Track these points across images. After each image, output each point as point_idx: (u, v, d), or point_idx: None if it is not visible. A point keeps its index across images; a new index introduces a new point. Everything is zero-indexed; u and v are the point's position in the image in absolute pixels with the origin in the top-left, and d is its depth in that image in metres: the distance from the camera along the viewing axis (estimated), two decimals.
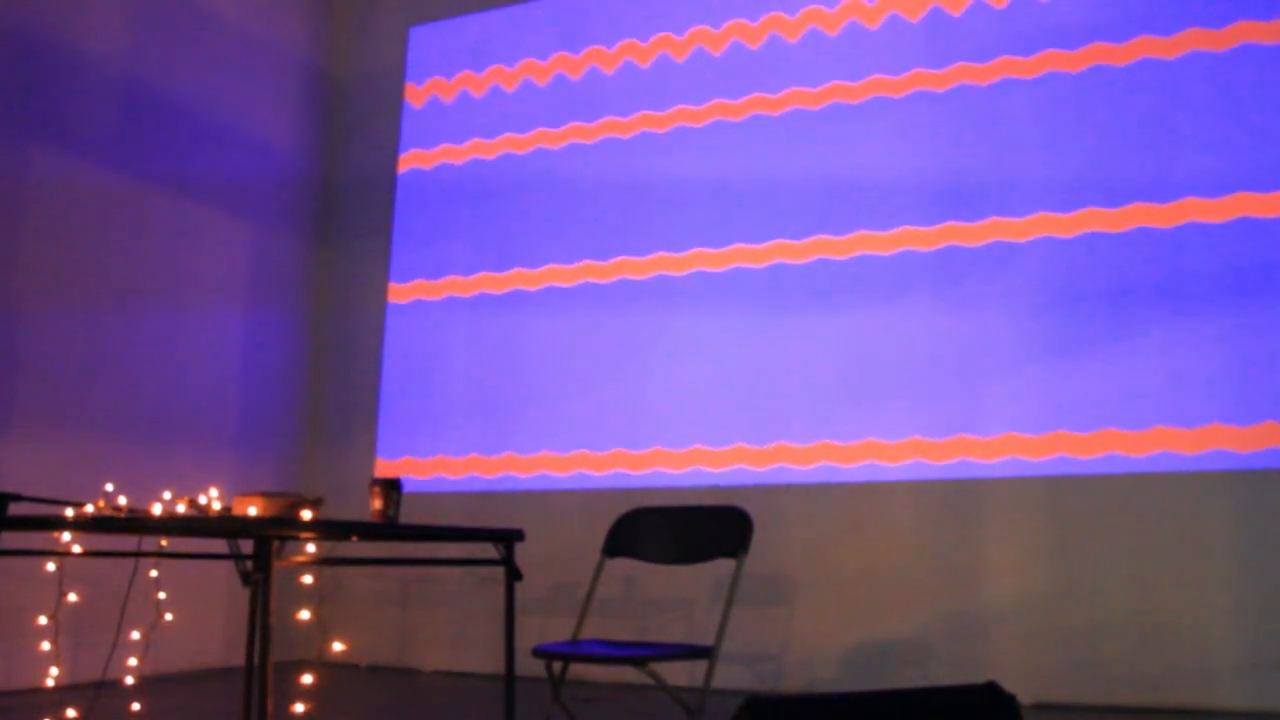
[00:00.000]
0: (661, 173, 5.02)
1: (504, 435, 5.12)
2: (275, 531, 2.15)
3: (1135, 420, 4.03)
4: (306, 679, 2.59)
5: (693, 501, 4.16)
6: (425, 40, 5.80)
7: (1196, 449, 3.93)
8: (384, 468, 5.36)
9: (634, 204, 5.06)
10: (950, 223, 4.42)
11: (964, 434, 4.26)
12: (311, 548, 2.80)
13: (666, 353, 4.86)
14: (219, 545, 2.76)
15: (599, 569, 3.11)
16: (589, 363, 5.01)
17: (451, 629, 5.01)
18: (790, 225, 4.71)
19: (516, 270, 5.23)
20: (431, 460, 5.26)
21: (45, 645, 3.00)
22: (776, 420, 4.58)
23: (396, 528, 2.58)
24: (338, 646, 3.02)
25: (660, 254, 4.94)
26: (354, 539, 2.48)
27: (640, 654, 2.65)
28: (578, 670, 3.16)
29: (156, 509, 2.42)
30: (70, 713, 3.05)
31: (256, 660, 2.71)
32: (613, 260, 5.03)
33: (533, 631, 3.92)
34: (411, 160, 5.67)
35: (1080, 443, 4.09)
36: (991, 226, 4.37)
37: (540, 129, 5.35)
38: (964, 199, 4.43)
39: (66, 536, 2.71)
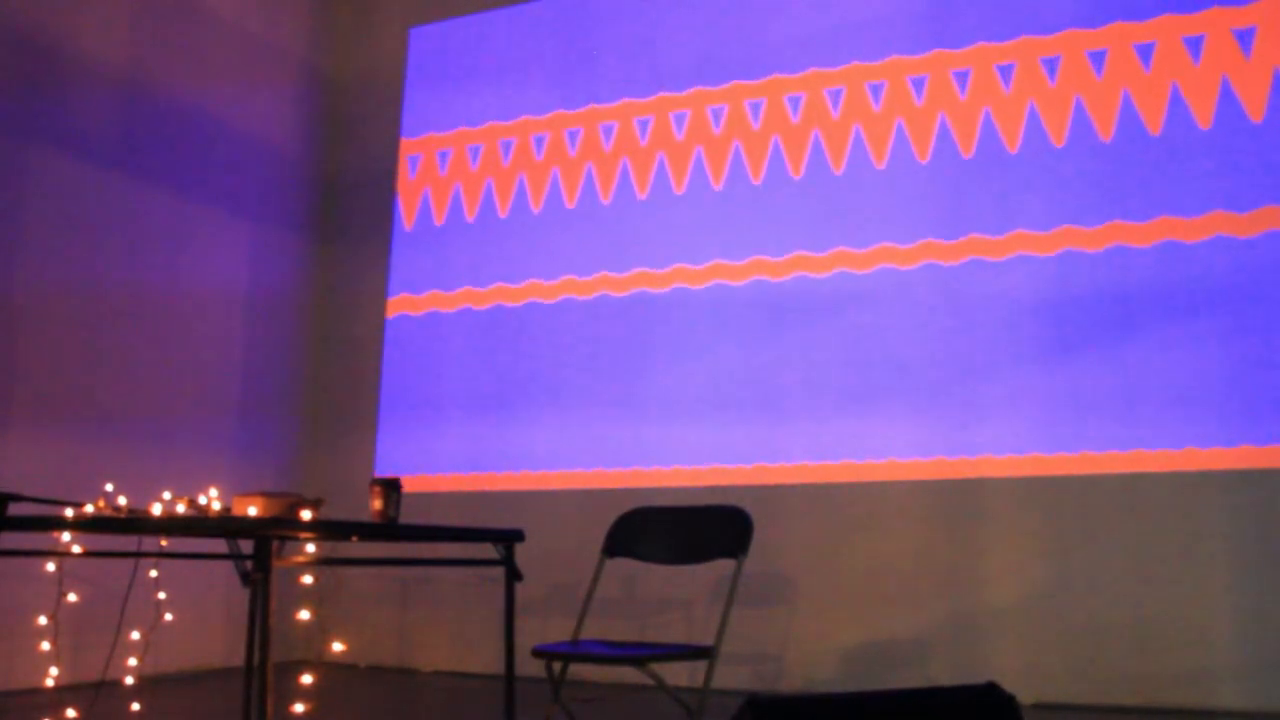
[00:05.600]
0: (668, 183, 5.03)
1: (503, 454, 5.11)
2: (275, 531, 2.15)
3: (1126, 441, 4.04)
4: (306, 679, 2.59)
5: (692, 501, 4.16)
6: (425, 41, 5.81)
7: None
8: None
9: (645, 217, 5.06)
10: (974, 235, 4.42)
11: (962, 455, 4.26)
12: (311, 548, 2.80)
13: (665, 367, 4.86)
14: (219, 545, 2.77)
15: (599, 569, 3.11)
16: (590, 377, 5.00)
17: (451, 629, 5.01)
18: (775, 243, 4.73)
19: (531, 282, 5.22)
20: (433, 477, 5.25)
21: (45, 645, 3.00)
22: (769, 439, 4.58)
23: (396, 528, 2.58)
24: (338, 646, 3.03)
25: (678, 265, 4.92)
26: (354, 539, 2.48)
27: (640, 654, 2.65)
28: (578, 670, 3.16)
29: (156, 509, 2.42)
30: (70, 713, 3.05)
31: (256, 660, 2.71)
32: (630, 273, 5.03)
33: (533, 631, 3.92)
34: (412, 149, 5.67)
35: (1077, 464, 4.09)
36: (1015, 240, 4.37)
37: (549, 112, 5.35)
38: (986, 215, 4.44)
39: (66, 536, 2.71)
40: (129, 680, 3.29)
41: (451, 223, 5.48)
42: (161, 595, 3.13)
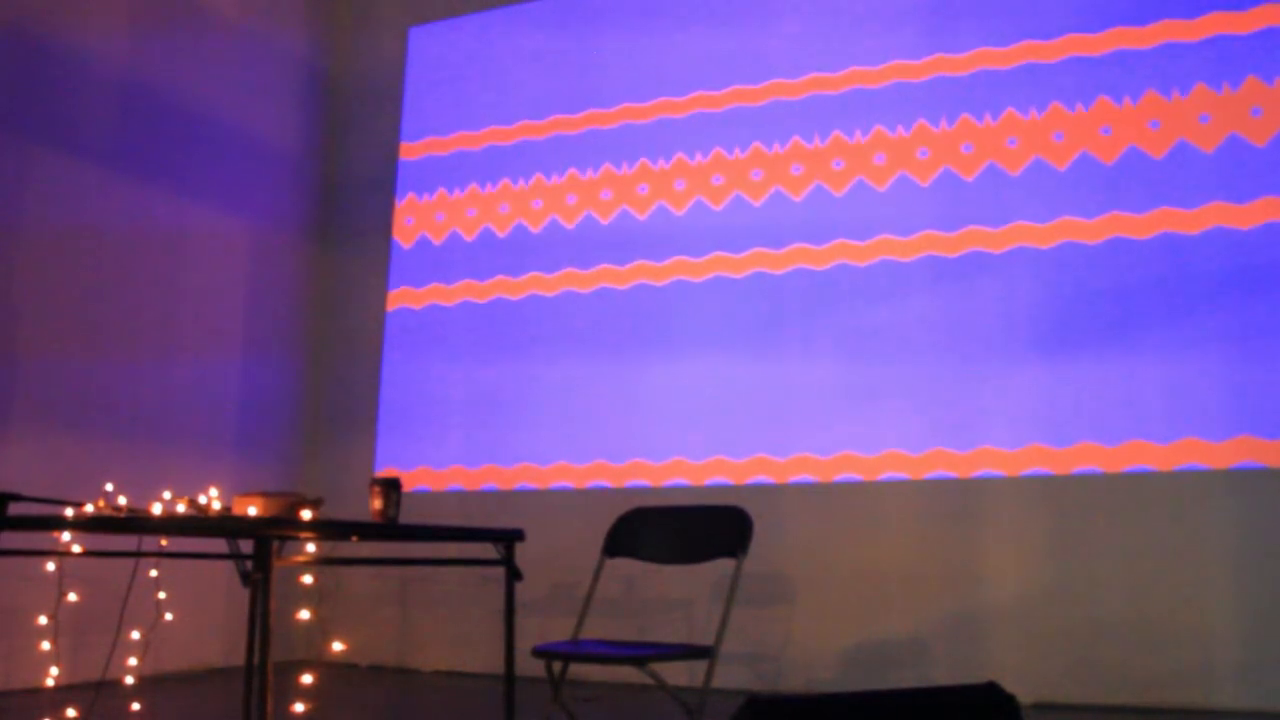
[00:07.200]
0: (676, 177, 5.03)
1: (504, 449, 5.11)
2: (275, 531, 2.15)
3: (1111, 435, 4.05)
4: (306, 679, 2.59)
5: (693, 501, 4.16)
6: (425, 40, 5.81)
7: (1171, 463, 3.96)
8: None
9: (647, 215, 5.06)
10: (973, 227, 4.42)
11: (962, 445, 4.27)
12: (311, 548, 2.80)
13: (666, 359, 4.86)
14: (219, 545, 2.76)
15: (599, 569, 3.11)
16: (590, 370, 5.01)
17: (451, 629, 5.01)
18: (775, 235, 4.73)
19: (532, 275, 5.22)
20: (434, 473, 5.25)
21: (45, 645, 3.00)
22: (770, 430, 4.59)
23: (396, 528, 2.58)
24: (338, 646, 3.03)
25: (678, 258, 4.92)
26: (354, 539, 2.48)
27: (640, 654, 2.65)
28: (578, 670, 3.16)
29: (156, 509, 2.42)
30: (70, 713, 3.05)
31: (256, 660, 2.71)
32: (630, 264, 5.03)
33: (533, 631, 3.91)
34: (412, 152, 5.67)
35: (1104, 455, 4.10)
36: (1014, 232, 4.38)
37: (549, 116, 5.35)
38: (986, 206, 4.45)
39: (66, 536, 2.70)
40: (129, 680, 3.29)
41: (450, 239, 5.49)
42: (161, 595, 3.13)
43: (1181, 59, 4.20)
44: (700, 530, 3.13)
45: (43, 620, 2.96)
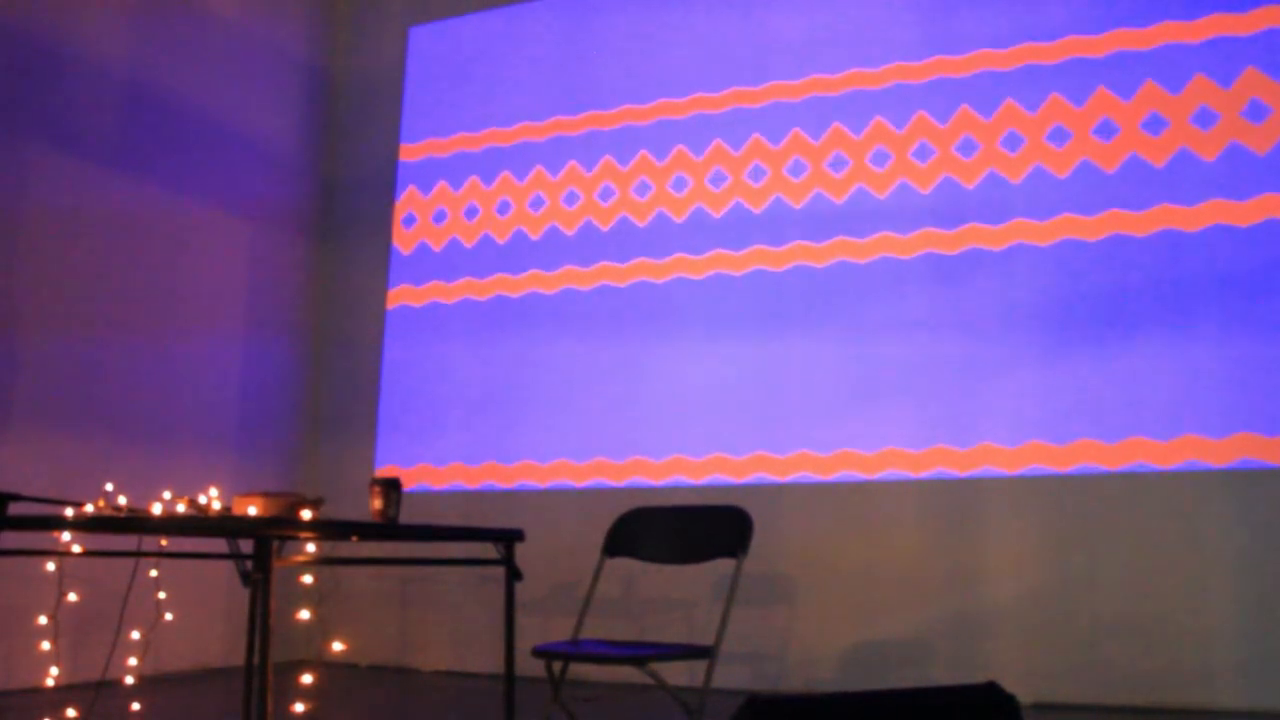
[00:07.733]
0: (679, 175, 5.03)
1: (504, 448, 5.11)
2: (275, 531, 2.15)
3: (1111, 432, 4.05)
4: (306, 679, 2.59)
5: (693, 501, 4.16)
6: (425, 40, 5.81)
7: (1171, 460, 3.97)
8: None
9: (647, 214, 5.06)
10: (973, 224, 4.42)
11: (943, 445, 4.27)
12: (311, 548, 2.80)
13: (666, 356, 4.86)
14: (219, 545, 2.76)
15: (599, 569, 3.11)
16: (590, 367, 5.01)
17: (451, 629, 5.01)
18: (774, 232, 4.74)
19: (532, 272, 5.22)
20: (444, 469, 5.25)
21: (45, 645, 3.00)
22: (770, 427, 4.59)
23: (396, 528, 2.58)
24: (338, 646, 3.03)
25: (678, 255, 4.93)
26: (354, 539, 2.48)
27: (640, 654, 2.65)
28: (578, 670, 3.16)
29: (156, 509, 2.42)
30: (70, 713, 3.05)
31: (256, 660, 2.71)
32: (631, 262, 5.04)
33: (533, 631, 3.92)
34: (412, 152, 5.67)
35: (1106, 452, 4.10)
36: (1013, 229, 4.38)
37: (549, 118, 5.36)
38: (988, 204, 4.45)
39: (66, 536, 2.71)
40: (129, 680, 3.29)
41: (451, 237, 5.48)
42: (161, 595, 3.13)
43: (1182, 60, 4.20)
44: (700, 530, 3.13)
45: (43, 620, 2.97)
